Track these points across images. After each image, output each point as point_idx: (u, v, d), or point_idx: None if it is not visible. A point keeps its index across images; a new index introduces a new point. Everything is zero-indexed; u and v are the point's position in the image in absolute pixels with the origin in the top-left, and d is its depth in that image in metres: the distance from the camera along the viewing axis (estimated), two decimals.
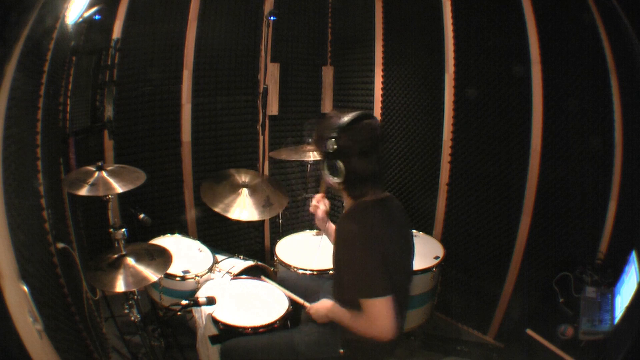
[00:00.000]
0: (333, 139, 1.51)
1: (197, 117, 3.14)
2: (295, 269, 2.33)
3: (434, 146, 2.89)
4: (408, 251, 1.73)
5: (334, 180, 1.56)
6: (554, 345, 1.81)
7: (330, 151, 1.52)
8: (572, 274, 2.09)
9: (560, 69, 2.28)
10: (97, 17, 2.62)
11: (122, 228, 1.95)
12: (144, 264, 1.96)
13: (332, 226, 2.00)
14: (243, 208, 2.52)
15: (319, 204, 1.97)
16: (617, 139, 2.12)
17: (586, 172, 2.26)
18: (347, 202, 1.66)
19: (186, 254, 2.48)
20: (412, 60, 2.99)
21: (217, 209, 2.48)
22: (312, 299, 1.88)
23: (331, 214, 2.04)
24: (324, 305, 1.70)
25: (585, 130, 2.25)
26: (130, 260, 1.94)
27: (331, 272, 2.22)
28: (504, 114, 2.52)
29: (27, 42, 1.23)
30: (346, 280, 1.59)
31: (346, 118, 1.54)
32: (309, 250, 2.53)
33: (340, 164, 1.51)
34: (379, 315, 1.45)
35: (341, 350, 1.65)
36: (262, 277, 2.26)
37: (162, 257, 2.03)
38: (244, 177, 2.68)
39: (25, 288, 1.07)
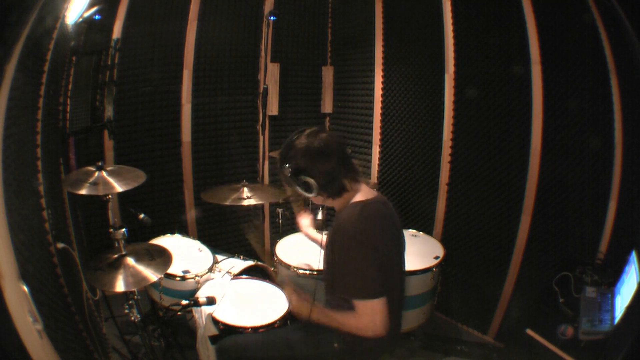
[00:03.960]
0: (285, 165, 1.61)
1: (197, 117, 3.14)
2: (295, 269, 2.33)
3: (434, 146, 2.89)
4: (400, 251, 1.74)
5: (315, 194, 1.60)
6: (554, 345, 1.81)
7: (291, 174, 1.60)
8: (572, 274, 2.09)
9: (560, 69, 2.28)
10: (97, 17, 2.62)
11: (122, 228, 1.95)
12: (144, 264, 1.95)
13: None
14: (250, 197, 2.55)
15: (302, 218, 2.12)
16: (617, 139, 2.12)
17: (586, 172, 2.26)
18: (337, 206, 1.68)
19: (186, 254, 2.48)
20: (412, 60, 2.99)
21: (227, 203, 2.50)
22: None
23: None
24: (306, 305, 1.71)
25: (585, 130, 2.25)
26: (130, 260, 1.94)
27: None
28: (504, 114, 2.52)
29: (27, 42, 1.23)
30: (340, 280, 1.60)
31: (283, 145, 1.65)
32: (309, 250, 2.53)
33: (305, 178, 1.57)
34: (371, 316, 1.49)
35: (335, 345, 1.66)
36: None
37: (162, 257, 2.03)
38: (241, 183, 2.68)
39: (25, 288, 1.07)
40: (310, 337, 1.71)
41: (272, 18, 3.04)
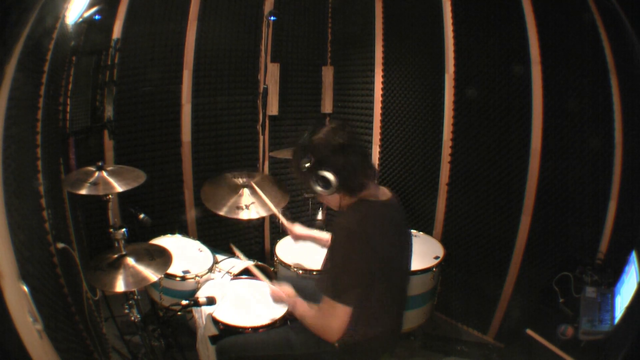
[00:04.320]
0: (305, 157, 1.53)
1: (197, 117, 3.14)
2: (295, 269, 2.33)
3: (434, 146, 2.89)
4: (405, 251, 1.73)
5: (331, 190, 1.52)
6: (554, 345, 1.81)
7: (309, 168, 1.52)
8: (572, 274, 2.09)
9: (560, 69, 2.28)
10: (97, 17, 2.62)
11: (122, 228, 1.95)
12: (144, 264, 1.96)
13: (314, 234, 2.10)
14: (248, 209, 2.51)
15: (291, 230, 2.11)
16: (617, 139, 2.12)
17: (586, 172, 2.26)
18: (345, 206, 1.65)
19: (186, 254, 2.48)
20: (412, 60, 2.99)
21: (221, 212, 2.46)
22: (312, 299, 1.88)
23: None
24: (284, 291, 1.75)
25: (585, 130, 2.25)
26: (130, 260, 1.94)
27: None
28: (504, 114, 2.52)
29: (27, 42, 1.23)
30: (326, 272, 1.59)
31: (305, 135, 1.58)
32: (309, 250, 2.53)
33: (324, 172, 1.50)
34: (333, 319, 1.48)
35: (336, 345, 1.65)
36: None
37: (162, 257, 2.03)
38: (242, 179, 2.66)
39: (25, 288, 1.07)
40: (311, 337, 1.71)
41: (272, 18, 3.03)
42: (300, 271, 2.32)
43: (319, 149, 1.52)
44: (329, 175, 1.49)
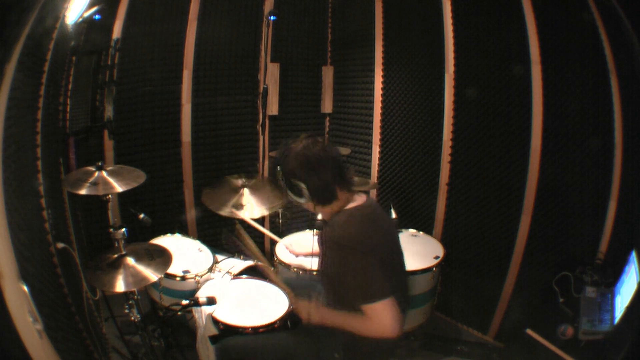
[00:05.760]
0: (277, 168, 1.61)
1: (197, 117, 3.14)
2: (295, 269, 2.33)
3: (434, 146, 2.89)
4: (398, 252, 1.74)
5: (304, 200, 1.59)
6: (554, 345, 1.81)
7: (281, 178, 1.60)
8: (572, 274, 2.09)
9: (560, 69, 2.28)
10: (97, 17, 2.62)
11: (122, 228, 1.95)
12: (144, 264, 1.96)
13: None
14: (248, 208, 2.51)
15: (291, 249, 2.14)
16: (617, 139, 2.13)
17: (586, 172, 2.26)
18: (327, 215, 1.67)
19: (186, 254, 2.48)
20: (412, 60, 2.99)
21: (224, 213, 2.46)
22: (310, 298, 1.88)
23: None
24: (313, 309, 1.69)
25: (585, 130, 2.25)
26: (130, 260, 1.94)
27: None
28: (504, 114, 2.52)
29: (27, 42, 1.23)
30: (344, 291, 1.58)
31: (280, 151, 1.65)
32: (309, 250, 2.52)
33: (296, 182, 1.56)
34: (383, 318, 1.47)
35: (336, 355, 1.65)
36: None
37: (162, 257, 2.03)
38: (241, 180, 2.66)
39: (25, 288, 1.07)
40: (312, 345, 1.71)
41: (272, 18, 3.04)
42: (301, 271, 2.32)
43: (290, 163, 1.57)
44: (301, 185, 1.56)
